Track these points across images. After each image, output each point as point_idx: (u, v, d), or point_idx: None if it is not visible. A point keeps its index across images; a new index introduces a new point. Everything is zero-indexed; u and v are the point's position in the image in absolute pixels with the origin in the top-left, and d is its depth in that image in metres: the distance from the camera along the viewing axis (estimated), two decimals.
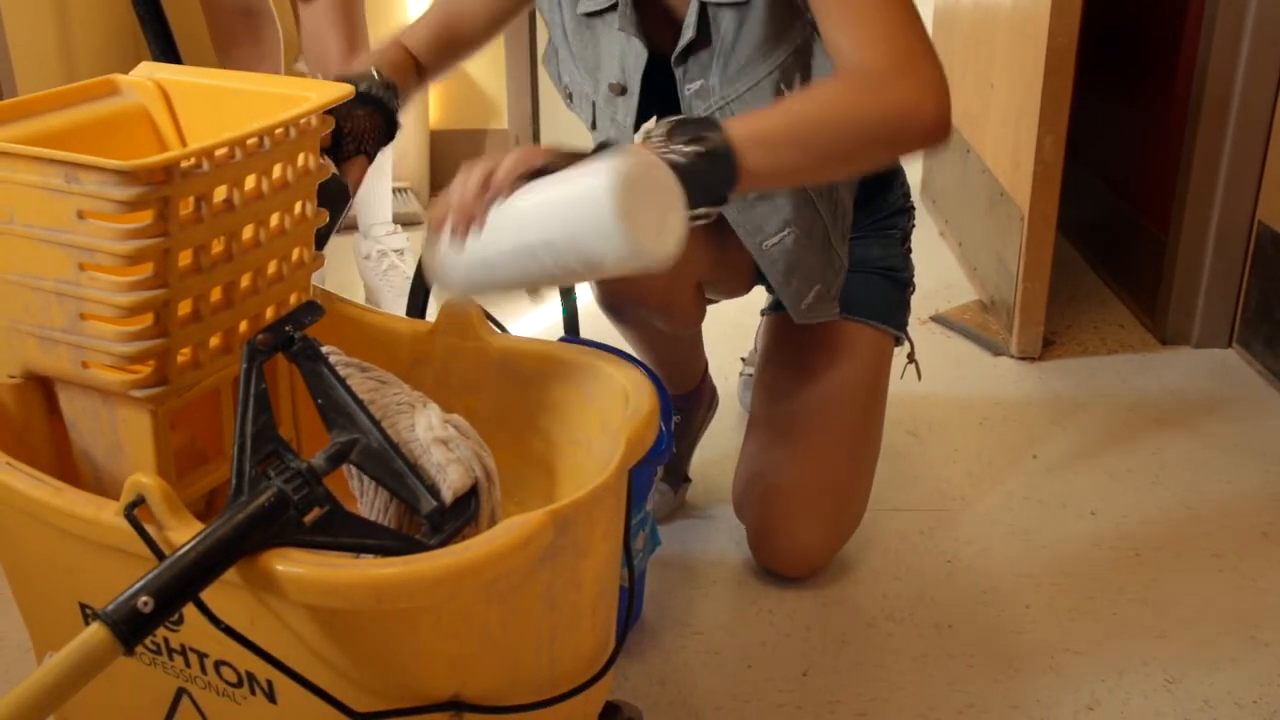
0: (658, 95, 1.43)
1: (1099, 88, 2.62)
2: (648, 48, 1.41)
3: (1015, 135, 2.25)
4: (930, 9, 2.97)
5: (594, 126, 1.51)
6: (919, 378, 1.74)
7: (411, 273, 2.36)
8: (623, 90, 1.43)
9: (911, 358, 1.74)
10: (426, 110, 3.01)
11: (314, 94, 1.14)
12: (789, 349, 1.67)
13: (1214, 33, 2.12)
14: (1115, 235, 2.60)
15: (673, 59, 1.41)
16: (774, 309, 1.77)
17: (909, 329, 1.74)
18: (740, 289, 1.70)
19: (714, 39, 1.38)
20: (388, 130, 1.35)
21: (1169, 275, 2.30)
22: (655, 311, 1.55)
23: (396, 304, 2.29)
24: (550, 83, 1.60)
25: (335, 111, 1.17)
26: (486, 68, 3.03)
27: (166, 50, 1.41)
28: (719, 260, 1.57)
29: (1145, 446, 1.97)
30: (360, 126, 1.32)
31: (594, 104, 1.49)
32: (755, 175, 1.14)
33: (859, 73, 1.21)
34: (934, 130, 1.22)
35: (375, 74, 1.37)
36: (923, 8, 1.43)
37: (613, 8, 1.41)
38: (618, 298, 1.53)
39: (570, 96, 1.54)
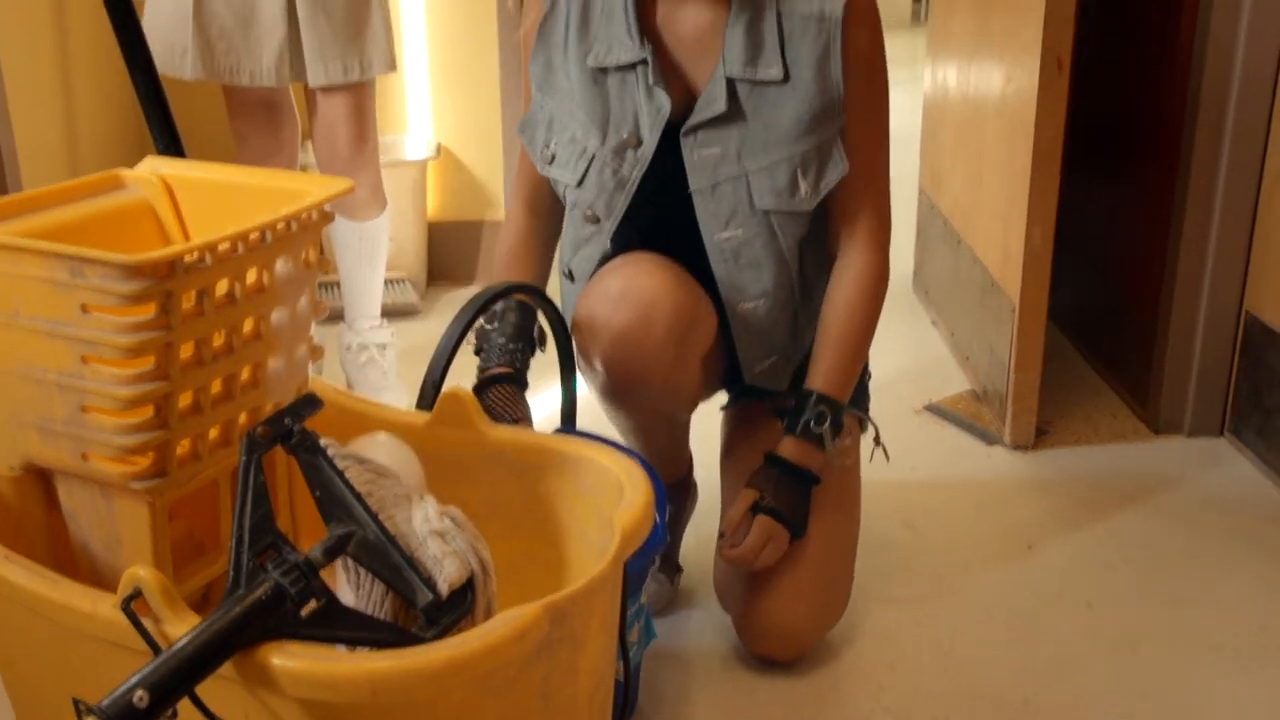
0: (668, 151, 1.53)
1: (1087, 176, 2.66)
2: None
3: (1005, 226, 2.28)
4: (920, 102, 3.02)
5: (580, 184, 1.56)
6: (887, 459, 1.74)
7: (389, 368, 2.39)
8: (638, 142, 1.51)
9: (878, 440, 1.74)
10: (425, 202, 3.05)
11: (315, 189, 1.17)
12: (755, 433, 1.68)
13: (1196, 125, 2.16)
14: (1106, 325, 2.63)
15: (687, 125, 1.50)
16: (736, 401, 1.79)
17: (875, 414, 1.77)
18: (710, 384, 1.72)
19: (745, 113, 1.49)
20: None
21: (1160, 365, 2.32)
22: (661, 393, 1.55)
23: (371, 399, 2.30)
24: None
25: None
26: (484, 161, 3.08)
27: (171, 144, 1.44)
28: (714, 348, 1.60)
29: (1140, 537, 1.97)
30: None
31: (592, 159, 1.54)
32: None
33: (866, 278, 1.58)
34: None
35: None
36: (913, 100, 1.52)
37: (632, 66, 1.50)
38: (623, 382, 1.53)
39: (554, 159, 1.58)
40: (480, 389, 1.51)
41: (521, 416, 1.50)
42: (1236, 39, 2.10)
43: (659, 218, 1.57)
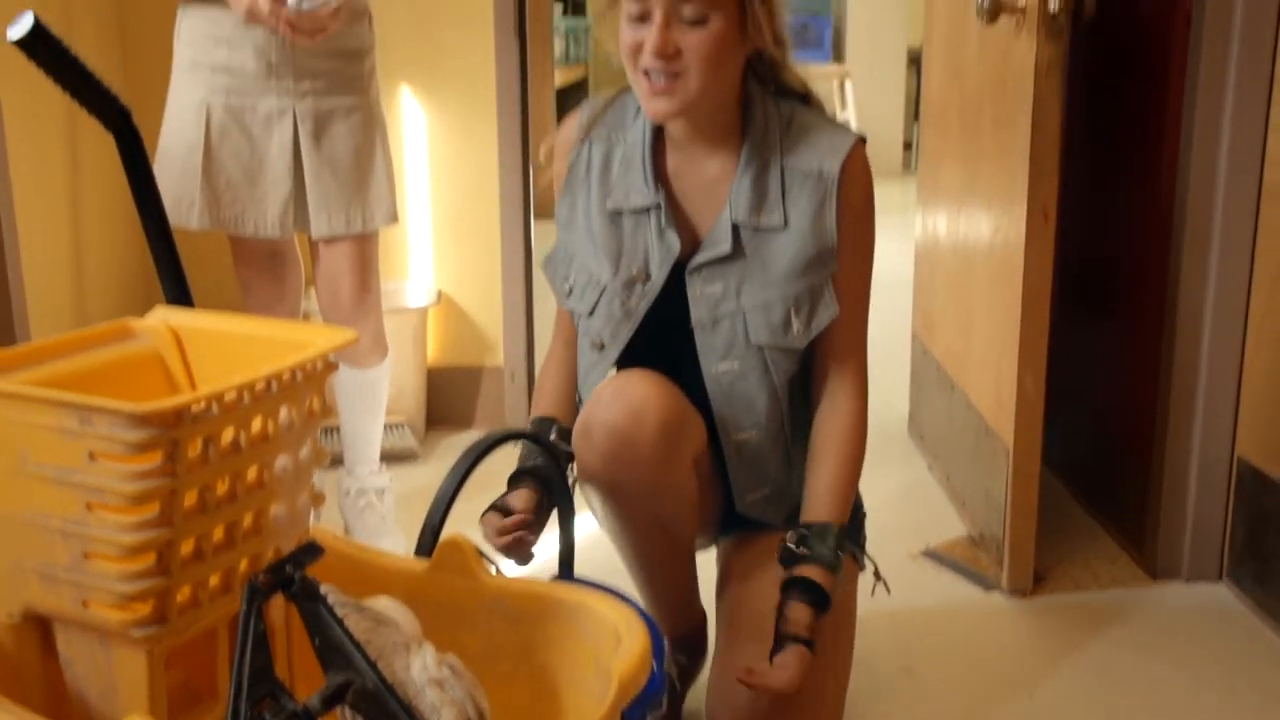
0: (676, 287, 1.63)
1: (1078, 322, 2.70)
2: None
3: (997, 372, 2.31)
4: (911, 249, 3.08)
5: (591, 313, 1.67)
6: (889, 592, 1.75)
7: (388, 514, 2.40)
8: (647, 277, 1.63)
9: (878, 575, 1.76)
10: (424, 348, 3.09)
11: (320, 339, 1.20)
12: (752, 561, 1.70)
13: (1181, 271, 2.21)
14: (1101, 470, 2.64)
15: (692, 264, 1.61)
16: (728, 533, 1.81)
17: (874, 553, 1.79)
18: (707, 524, 1.74)
19: (746, 254, 1.60)
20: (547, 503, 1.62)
21: (1155, 510, 2.33)
22: (654, 491, 1.58)
23: (369, 544, 2.30)
24: (545, 310, 1.71)
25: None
26: (483, 307, 3.13)
27: (180, 294, 1.47)
28: (710, 468, 1.66)
29: (1141, 684, 1.96)
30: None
31: (604, 290, 1.65)
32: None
33: (856, 415, 1.65)
34: None
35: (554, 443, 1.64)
36: (904, 247, 1.61)
37: (646, 210, 1.62)
38: (618, 480, 1.56)
39: (571, 291, 1.70)
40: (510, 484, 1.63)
41: (524, 512, 1.57)
42: (1215, 187, 2.16)
43: (659, 352, 1.64)
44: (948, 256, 2.76)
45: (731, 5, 1.51)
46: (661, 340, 1.64)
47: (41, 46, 1.27)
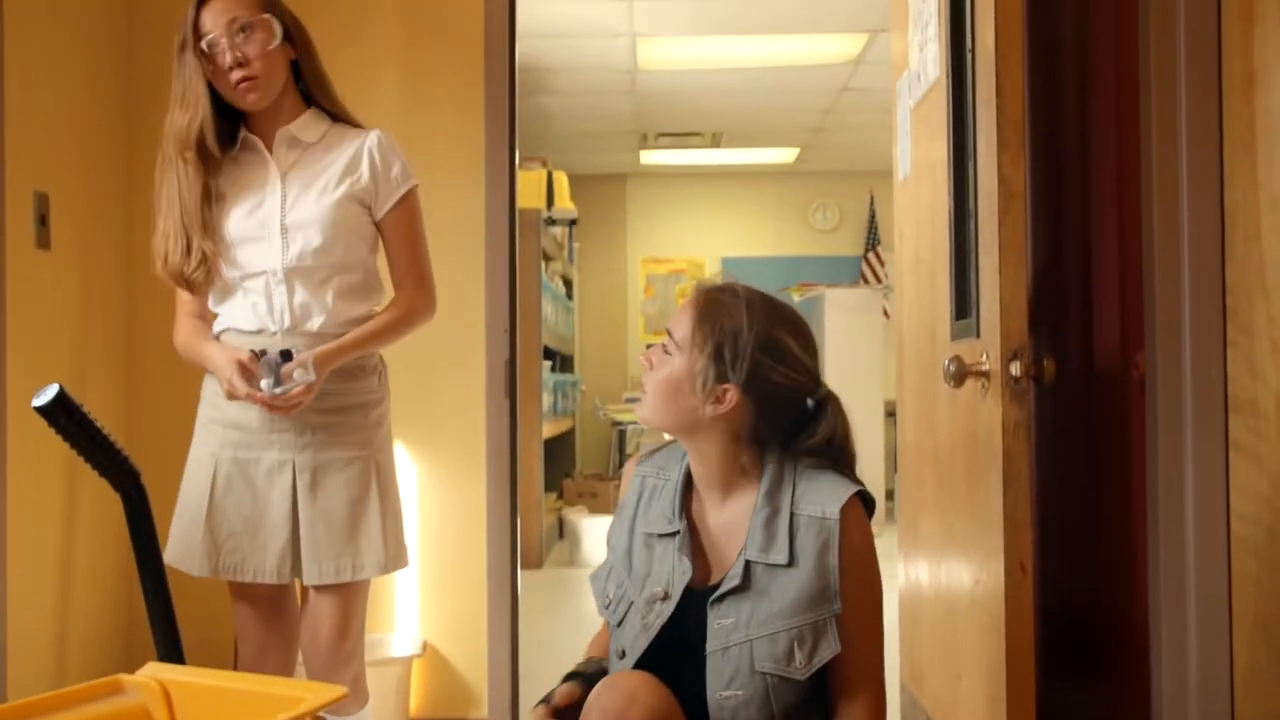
0: (688, 611, 1.79)
1: (1066, 669, 2.69)
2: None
3: None
4: (895, 599, 3.11)
5: (619, 625, 1.85)
6: None
7: None
8: (665, 596, 1.81)
9: None
10: (407, 699, 3.04)
11: (309, 695, 1.21)
12: None
13: (1161, 627, 2.22)
14: None
15: (713, 596, 1.79)
16: None
17: None
18: None
19: (754, 587, 1.78)
20: None
21: None
22: None
23: None
24: (531, 663, 1.75)
25: None
26: (469, 658, 3.11)
27: (172, 650, 1.48)
28: None
29: None
30: None
31: (630, 605, 1.85)
32: None
33: None
34: None
35: None
36: (888, 596, 1.76)
37: (670, 535, 1.84)
38: None
39: (609, 604, 1.89)
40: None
41: None
42: (1185, 542, 2.21)
43: (667, 671, 1.76)
44: (931, 606, 2.78)
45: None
46: (670, 661, 1.77)
47: (63, 413, 1.34)
